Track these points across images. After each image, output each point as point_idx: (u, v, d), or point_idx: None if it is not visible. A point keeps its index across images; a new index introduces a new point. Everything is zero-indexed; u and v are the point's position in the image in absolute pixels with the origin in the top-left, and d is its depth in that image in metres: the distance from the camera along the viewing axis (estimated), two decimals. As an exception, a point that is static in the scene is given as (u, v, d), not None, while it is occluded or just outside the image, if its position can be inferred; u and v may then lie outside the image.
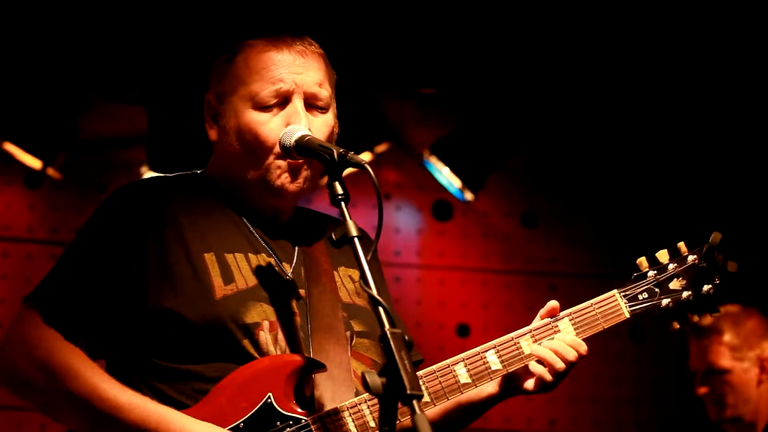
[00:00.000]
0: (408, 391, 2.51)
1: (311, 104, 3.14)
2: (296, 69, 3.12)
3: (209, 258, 3.07)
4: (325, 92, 3.16)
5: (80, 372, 2.95)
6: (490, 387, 3.22)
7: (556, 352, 3.15)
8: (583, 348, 3.16)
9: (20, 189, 6.30)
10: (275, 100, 3.11)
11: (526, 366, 3.17)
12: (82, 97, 6.01)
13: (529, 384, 3.20)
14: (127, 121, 6.28)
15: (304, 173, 3.13)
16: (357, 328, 3.21)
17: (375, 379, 2.56)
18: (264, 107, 3.11)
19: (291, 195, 3.17)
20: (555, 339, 3.17)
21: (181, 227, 3.09)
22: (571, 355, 3.14)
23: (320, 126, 3.13)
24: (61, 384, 2.95)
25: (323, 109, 3.17)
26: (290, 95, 3.12)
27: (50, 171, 6.07)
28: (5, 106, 5.88)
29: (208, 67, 3.27)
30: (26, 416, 6.00)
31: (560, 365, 3.13)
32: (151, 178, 3.32)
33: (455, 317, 6.66)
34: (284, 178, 3.12)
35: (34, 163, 6.00)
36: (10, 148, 5.96)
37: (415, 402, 2.50)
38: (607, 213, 6.70)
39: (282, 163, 3.11)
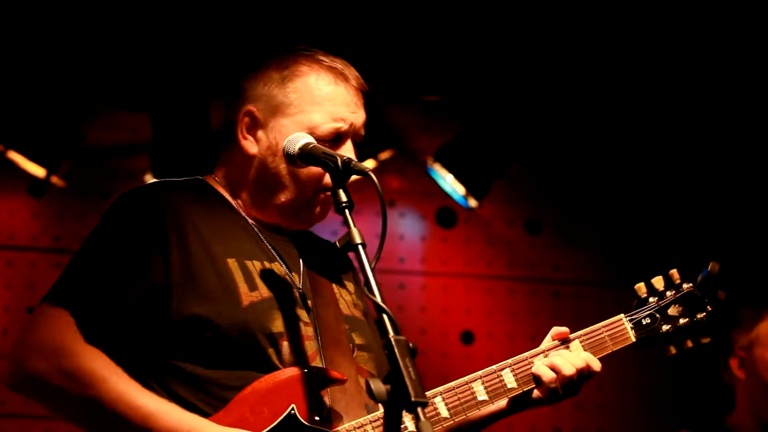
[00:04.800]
0: (412, 398, 2.50)
1: (355, 141, 3.25)
2: (354, 108, 3.25)
3: (232, 263, 3.08)
4: (364, 130, 3.28)
5: (107, 378, 2.90)
6: (500, 402, 3.26)
7: (567, 359, 3.23)
8: (597, 365, 3.27)
9: (24, 197, 6.29)
10: (332, 137, 3.17)
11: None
12: (86, 105, 6.00)
13: (537, 393, 3.25)
14: (131, 129, 6.28)
15: (329, 205, 3.20)
16: (358, 341, 3.23)
17: (379, 387, 2.56)
18: (319, 140, 3.14)
19: (315, 223, 3.26)
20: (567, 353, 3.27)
21: (200, 230, 3.09)
22: (581, 363, 3.22)
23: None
24: (89, 390, 2.89)
25: (359, 144, 3.26)
26: (346, 136, 3.20)
27: (54, 179, 6.06)
28: (9, 114, 5.88)
29: (240, 75, 3.26)
30: (30, 423, 5.99)
31: (569, 369, 3.19)
32: (162, 181, 3.31)
33: (459, 324, 6.65)
34: (317, 210, 3.21)
35: (38, 171, 5.99)
36: (14, 156, 5.95)
37: (419, 409, 2.50)
38: (611, 220, 6.69)
39: (323, 196, 3.17)
